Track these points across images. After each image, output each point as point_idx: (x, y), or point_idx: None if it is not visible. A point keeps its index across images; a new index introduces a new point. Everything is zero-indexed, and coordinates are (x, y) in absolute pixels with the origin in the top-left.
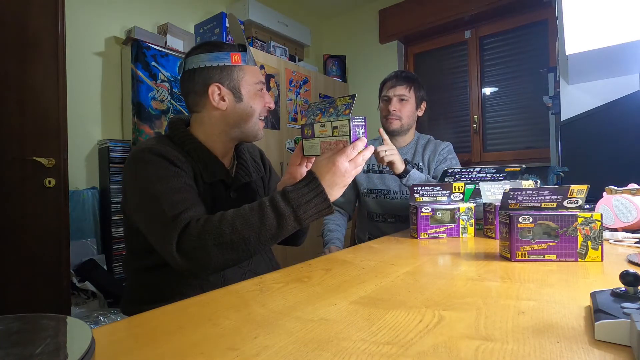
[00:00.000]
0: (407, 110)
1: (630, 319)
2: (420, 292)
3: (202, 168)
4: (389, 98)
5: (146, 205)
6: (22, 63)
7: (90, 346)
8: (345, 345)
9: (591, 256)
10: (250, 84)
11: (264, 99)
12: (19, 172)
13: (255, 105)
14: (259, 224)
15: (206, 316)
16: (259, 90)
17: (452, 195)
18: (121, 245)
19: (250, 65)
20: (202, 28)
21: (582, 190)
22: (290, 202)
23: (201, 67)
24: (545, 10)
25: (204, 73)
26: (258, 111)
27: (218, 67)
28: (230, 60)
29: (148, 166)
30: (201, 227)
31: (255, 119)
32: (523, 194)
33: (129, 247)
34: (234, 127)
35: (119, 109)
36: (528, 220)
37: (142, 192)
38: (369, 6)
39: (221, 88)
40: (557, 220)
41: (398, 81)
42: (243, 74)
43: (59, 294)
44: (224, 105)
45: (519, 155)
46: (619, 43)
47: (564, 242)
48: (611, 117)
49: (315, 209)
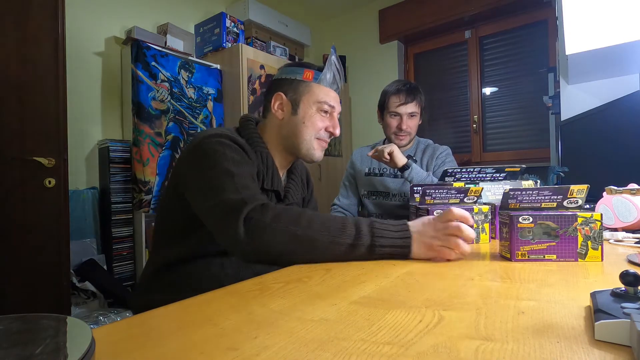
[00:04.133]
0: (416, 124)
1: (630, 319)
2: (420, 292)
3: (265, 172)
4: (400, 115)
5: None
6: (22, 63)
7: (90, 346)
8: (345, 345)
9: (591, 256)
10: (313, 102)
11: (323, 120)
12: (19, 172)
13: (309, 122)
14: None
15: (206, 316)
16: (323, 112)
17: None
18: (121, 245)
19: (321, 85)
20: (202, 28)
21: (582, 190)
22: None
23: (277, 78)
24: (545, 10)
25: (277, 83)
26: (313, 130)
27: (289, 79)
28: (302, 75)
29: (224, 148)
30: (280, 209)
31: (308, 136)
32: (523, 194)
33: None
34: (286, 139)
35: (119, 109)
36: (528, 220)
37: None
38: (369, 6)
39: (283, 98)
40: (557, 220)
41: (407, 97)
42: (308, 90)
43: (59, 294)
44: (281, 114)
45: (519, 155)
46: (619, 43)
47: (564, 242)
48: (611, 117)
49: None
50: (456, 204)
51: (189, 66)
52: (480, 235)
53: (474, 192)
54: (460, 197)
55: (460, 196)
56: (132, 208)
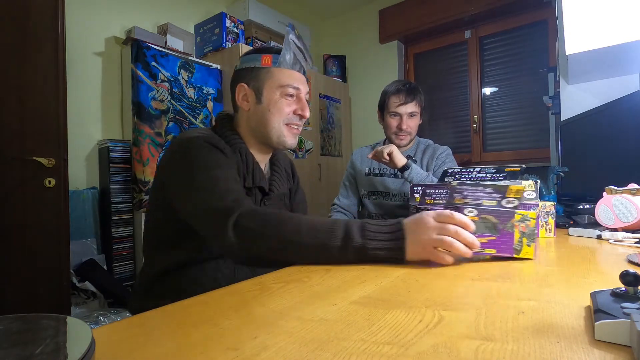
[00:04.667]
0: (416, 124)
1: (630, 319)
2: (420, 292)
3: (245, 170)
4: (400, 115)
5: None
6: (22, 63)
7: (90, 346)
8: (345, 345)
9: (525, 253)
10: (276, 87)
11: (290, 104)
12: (19, 172)
13: (275, 109)
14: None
15: (206, 316)
16: (288, 95)
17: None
18: (121, 245)
19: (282, 68)
20: (202, 28)
21: (520, 190)
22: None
23: (237, 69)
24: (545, 10)
25: (238, 74)
26: (280, 116)
27: (249, 68)
28: (261, 62)
29: (204, 151)
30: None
31: (276, 124)
32: (468, 189)
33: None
34: (256, 130)
35: (119, 109)
36: (473, 214)
37: (198, 173)
38: (369, 6)
39: (246, 88)
40: (498, 215)
41: (407, 97)
42: (269, 76)
43: (59, 294)
44: (246, 105)
45: (519, 155)
46: (619, 43)
47: (503, 237)
48: (611, 117)
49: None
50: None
51: (189, 66)
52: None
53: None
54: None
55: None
56: (132, 208)
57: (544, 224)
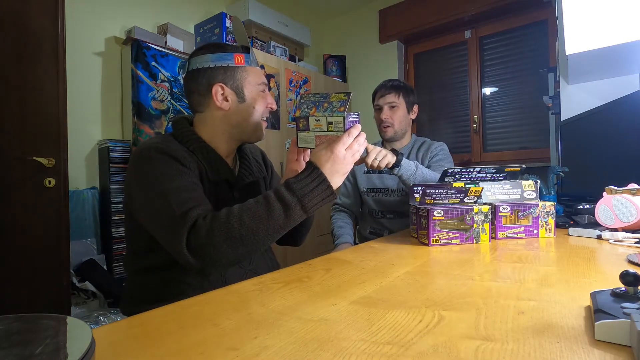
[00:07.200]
0: (399, 116)
1: (630, 319)
2: (420, 292)
3: (207, 167)
4: (380, 107)
5: (153, 203)
6: (22, 63)
7: (90, 346)
8: (345, 345)
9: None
10: (253, 85)
11: (266, 99)
12: (19, 172)
13: (258, 106)
14: (266, 216)
15: (206, 316)
16: (262, 92)
17: (466, 198)
18: (121, 245)
19: (253, 67)
20: (202, 28)
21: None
22: (295, 192)
23: (205, 68)
24: (545, 10)
25: (208, 73)
26: (260, 112)
27: (222, 67)
28: (234, 61)
29: (155, 164)
30: (209, 223)
31: (257, 119)
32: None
33: (131, 247)
34: (236, 127)
35: (119, 109)
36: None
37: (149, 190)
38: (369, 6)
39: (225, 88)
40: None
41: (387, 90)
42: (246, 75)
43: (59, 294)
44: (227, 105)
45: (519, 155)
46: (619, 43)
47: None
48: (611, 117)
49: (319, 197)
50: (456, 204)
51: None
52: (480, 236)
53: (474, 192)
54: (461, 197)
55: (460, 196)
56: None
57: (544, 224)
